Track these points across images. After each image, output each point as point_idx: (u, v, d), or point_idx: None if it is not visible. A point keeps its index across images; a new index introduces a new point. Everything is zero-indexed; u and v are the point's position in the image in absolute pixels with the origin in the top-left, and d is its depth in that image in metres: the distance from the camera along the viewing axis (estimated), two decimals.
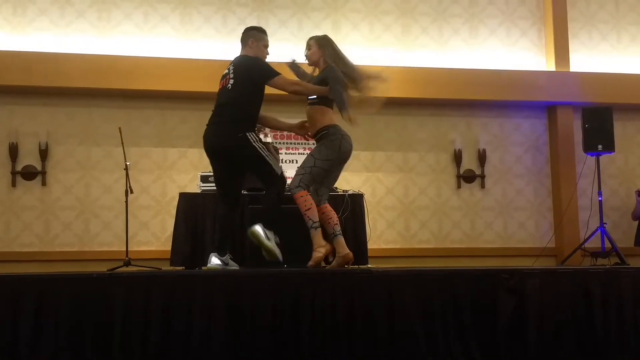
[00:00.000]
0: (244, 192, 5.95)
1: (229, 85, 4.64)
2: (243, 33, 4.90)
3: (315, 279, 3.88)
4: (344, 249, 4.61)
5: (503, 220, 7.89)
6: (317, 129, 4.81)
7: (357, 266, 5.00)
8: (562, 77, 7.90)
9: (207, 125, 4.74)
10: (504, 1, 8.11)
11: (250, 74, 4.63)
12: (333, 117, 4.82)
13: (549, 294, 3.91)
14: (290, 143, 7.47)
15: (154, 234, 7.19)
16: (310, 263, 4.52)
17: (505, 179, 7.96)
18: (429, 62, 7.77)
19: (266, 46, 4.85)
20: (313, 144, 5.00)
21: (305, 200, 4.60)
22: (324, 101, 4.77)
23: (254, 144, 4.55)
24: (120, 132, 6.42)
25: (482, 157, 7.87)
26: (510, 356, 3.80)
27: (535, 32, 8.13)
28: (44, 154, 7.07)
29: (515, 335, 3.83)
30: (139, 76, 7.07)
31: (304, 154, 7.45)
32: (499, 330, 3.83)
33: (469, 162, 7.89)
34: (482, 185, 7.88)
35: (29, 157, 7.10)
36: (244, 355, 3.63)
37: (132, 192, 6.40)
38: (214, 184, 5.99)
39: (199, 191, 6.03)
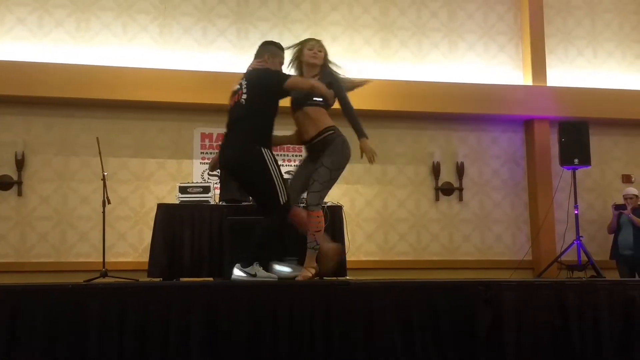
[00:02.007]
0: (222, 203, 5.95)
1: (242, 100, 4.41)
2: (260, 45, 4.69)
3: (293, 290, 3.86)
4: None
5: (480, 232, 7.94)
6: (319, 129, 4.53)
7: (335, 278, 5.00)
8: (539, 91, 8.01)
9: (221, 144, 4.55)
10: (482, 16, 8.21)
11: (263, 84, 4.40)
12: (330, 119, 4.62)
13: (526, 306, 3.93)
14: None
15: (131, 245, 7.13)
16: (299, 279, 4.41)
17: (483, 192, 8.02)
18: (408, 75, 7.83)
19: (282, 63, 4.64)
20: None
21: (320, 222, 4.43)
22: (326, 105, 4.60)
23: (268, 162, 4.27)
24: (98, 142, 6.38)
25: (460, 170, 7.93)
26: None
27: (513, 47, 8.24)
28: (20, 163, 6.99)
29: (493, 347, 3.84)
30: (117, 86, 7.03)
31: (283, 165, 7.43)
32: (476, 342, 3.84)
33: (448, 175, 7.94)
34: (460, 198, 7.94)
35: (4, 167, 7.02)
36: None
37: (109, 202, 6.36)
38: (192, 195, 5.99)
39: (177, 202, 5.99)
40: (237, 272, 4.31)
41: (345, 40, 7.84)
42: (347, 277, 5.65)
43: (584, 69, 8.36)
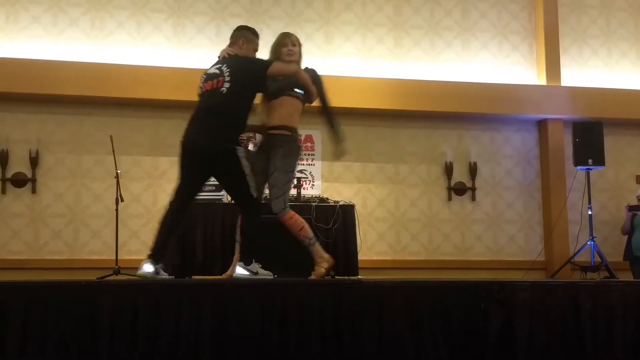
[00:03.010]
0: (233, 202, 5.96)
1: (224, 88, 4.27)
2: (235, 30, 4.63)
3: (304, 289, 3.86)
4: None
5: (493, 233, 7.91)
6: (282, 122, 4.46)
7: (347, 277, 4.99)
8: (553, 91, 7.96)
9: (188, 126, 4.38)
10: (496, 15, 8.18)
11: (249, 74, 4.32)
12: (297, 118, 4.54)
13: (539, 307, 3.91)
14: None
15: (144, 243, 7.14)
16: (312, 277, 4.39)
17: (495, 192, 7.98)
18: (421, 74, 7.82)
19: (256, 50, 4.57)
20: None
21: (296, 221, 4.40)
22: (305, 99, 4.53)
23: (241, 159, 4.25)
24: (112, 140, 6.41)
25: (473, 170, 7.89)
26: None
27: (527, 47, 8.20)
28: (34, 161, 7.04)
29: (504, 347, 3.82)
30: (131, 85, 7.07)
31: None
32: (488, 342, 3.82)
33: (460, 175, 7.91)
34: (473, 198, 7.91)
35: (19, 164, 7.07)
36: None
37: (122, 200, 6.39)
38: (204, 193, 6.00)
39: None
40: (240, 271, 4.30)
41: (358, 39, 7.83)
42: (359, 276, 5.65)
43: (599, 68, 8.30)
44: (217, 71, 4.38)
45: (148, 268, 4.22)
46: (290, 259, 4.92)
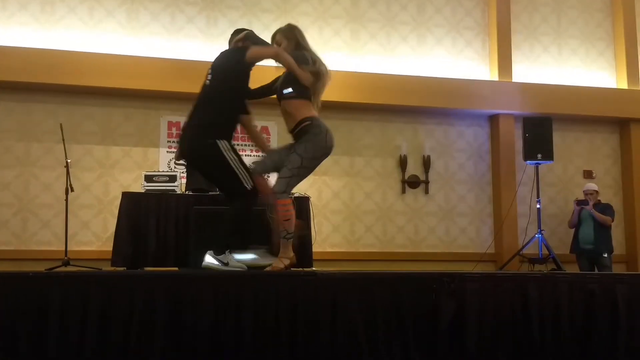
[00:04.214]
0: (188, 192, 5.91)
1: (207, 81, 4.32)
2: (233, 33, 4.55)
3: (259, 280, 3.86)
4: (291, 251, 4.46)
5: (445, 225, 8.03)
6: (296, 121, 4.35)
7: (301, 269, 5.00)
8: (505, 87, 8.11)
9: (181, 131, 4.44)
10: (450, 11, 8.27)
11: (228, 63, 4.29)
12: (313, 110, 4.41)
13: (489, 298, 3.99)
14: (238, 145, 7.39)
15: (94, 234, 7.03)
16: (270, 269, 4.32)
17: (448, 185, 8.10)
18: (377, 68, 7.86)
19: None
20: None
21: (287, 210, 4.28)
22: (302, 93, 4.38)
23: (223, 152, 4.16)
24: (62, 128, 6.27)
25: (426, 163, 7.99)
26: (449, 358, 3.87)
27: (480, 43, 8.32)
28: None
29: (455, 337, 3.90)
30: (82, 72, 6.91)
31: (250, 155, 7.42)
32: (439, 332, 3.89)
33: (414, 168, 8.00)
34: (426, 191, 8.01)
35: None
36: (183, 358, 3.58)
37: (72, 190, 6.25)
38: (158, 184, 5.93)
39: (142, 191, 5.92)
40: (209, 259, 4.22)
41: (314, 31, 7.81)
42: (313, 268, 5.66)
43: (549, 65, 8.49)
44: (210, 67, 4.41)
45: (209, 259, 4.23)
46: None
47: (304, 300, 3.75)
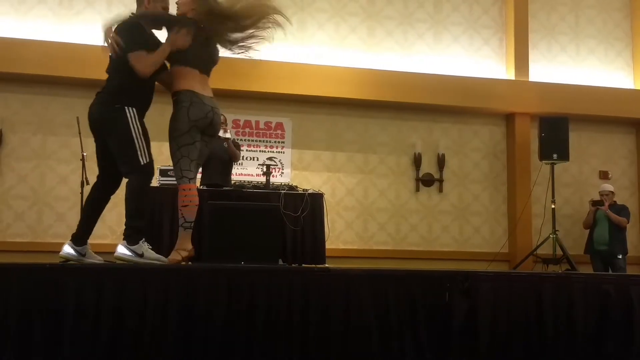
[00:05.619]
0: (202, 187, 5.93)
1: (112, 54, 4.15)
2: None
3: (271, 276, 3.86)
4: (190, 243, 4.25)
5: (459, 224, 8.00)
6: (171, 93, 4.18)
7: (314, 265, 5.01)
8: (521, 86, 8.06)
9: None
10: (467, 9, 8.23)
11: (122, 32, 4.06)
12: (190, 80, 4.12)
13: (502, 297, 3.98)
14: (252, 140, 7.44)
15: (109, 228, 7.07)
16: (167, 261, 4.14)
17: (462, 184, 8.07)
18: (393, 65, 7.84)
19: (165, 8, 4.21)
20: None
21: (186, 196, 4.08)
22: (180, 60, 4.12)
23: (129, 121, 4.02)
24: (78, 121, 6.30)
25: (441, 162, 7.97)
26: (461, 357, 3.86)
27: (497, 41, 8.28)
28: None
29: (467, 337, 3.89)
30: (100, 66, 6.85)
31: (265, 151, 7.44)
32: (452, 331, 3.87)
33: (428, 166, 7.98)
34: (440, 190, 7.98)
35: None
36: (195, 353, 3.59)
37: (88, 183, 6.28)
38: (172, 178, 5.94)
39: (157, 185, 5.95)
40: (122, 250, 4.04)
41: (331, 27, 7.82)
42: (326, 265, 5.67)
43: (566, 64, 8.43)
44: None
45: (68, 249, 4.15)
46: (258, 245, 4.90)
47: (317, 297, 3.75)
